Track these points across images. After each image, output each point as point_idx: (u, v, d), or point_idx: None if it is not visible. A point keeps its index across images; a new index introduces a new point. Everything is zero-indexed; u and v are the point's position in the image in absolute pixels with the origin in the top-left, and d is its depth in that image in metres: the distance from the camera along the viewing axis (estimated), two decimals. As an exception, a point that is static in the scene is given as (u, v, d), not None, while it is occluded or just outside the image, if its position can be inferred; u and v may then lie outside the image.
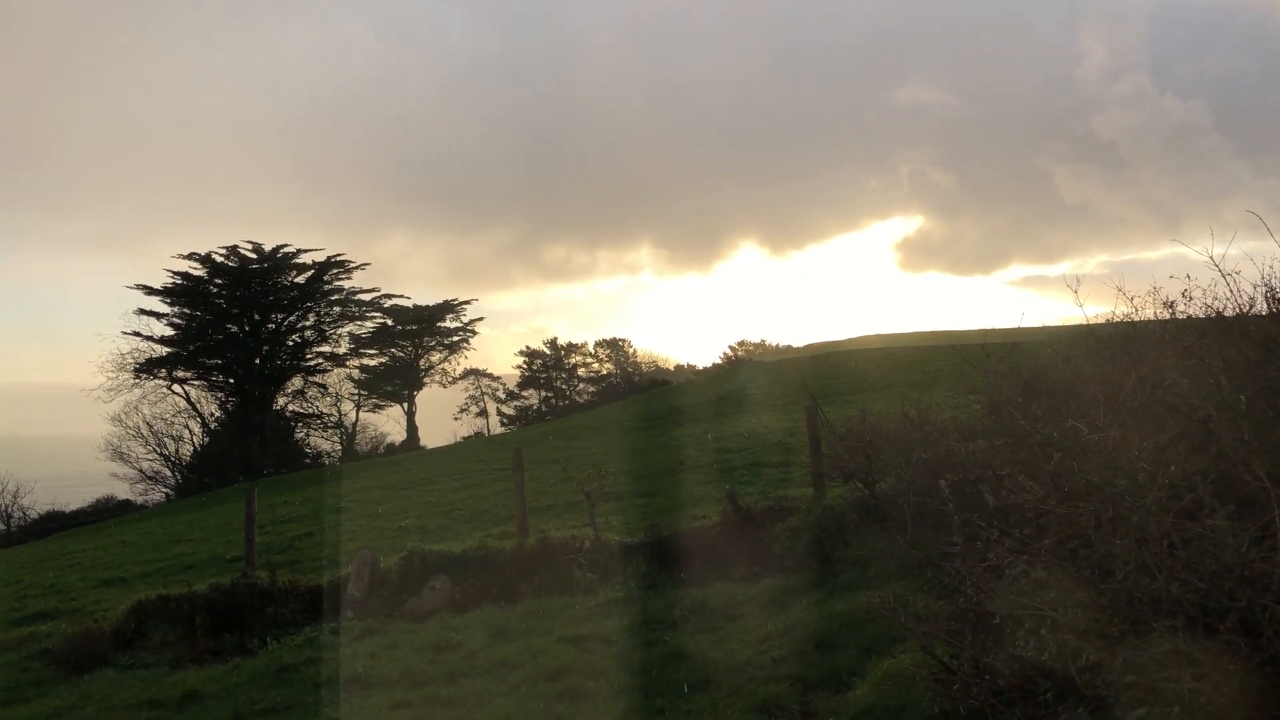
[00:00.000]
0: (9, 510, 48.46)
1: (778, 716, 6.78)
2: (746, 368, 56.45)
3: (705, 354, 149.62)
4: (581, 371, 79.56)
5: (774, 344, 77.65)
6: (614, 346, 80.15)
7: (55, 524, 43.11)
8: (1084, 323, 9.91)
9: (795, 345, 73.29)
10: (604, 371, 79.61)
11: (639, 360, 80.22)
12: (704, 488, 15.91)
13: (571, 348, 79.18)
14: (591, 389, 77.99)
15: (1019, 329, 12.25)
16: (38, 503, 49.47)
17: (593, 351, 79.91)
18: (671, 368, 79.83)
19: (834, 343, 60.85)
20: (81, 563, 20.96)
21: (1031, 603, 5.19)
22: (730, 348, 79.76)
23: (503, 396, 76.31)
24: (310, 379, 61.64)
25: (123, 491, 52.60)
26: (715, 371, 67.74)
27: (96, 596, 15.82)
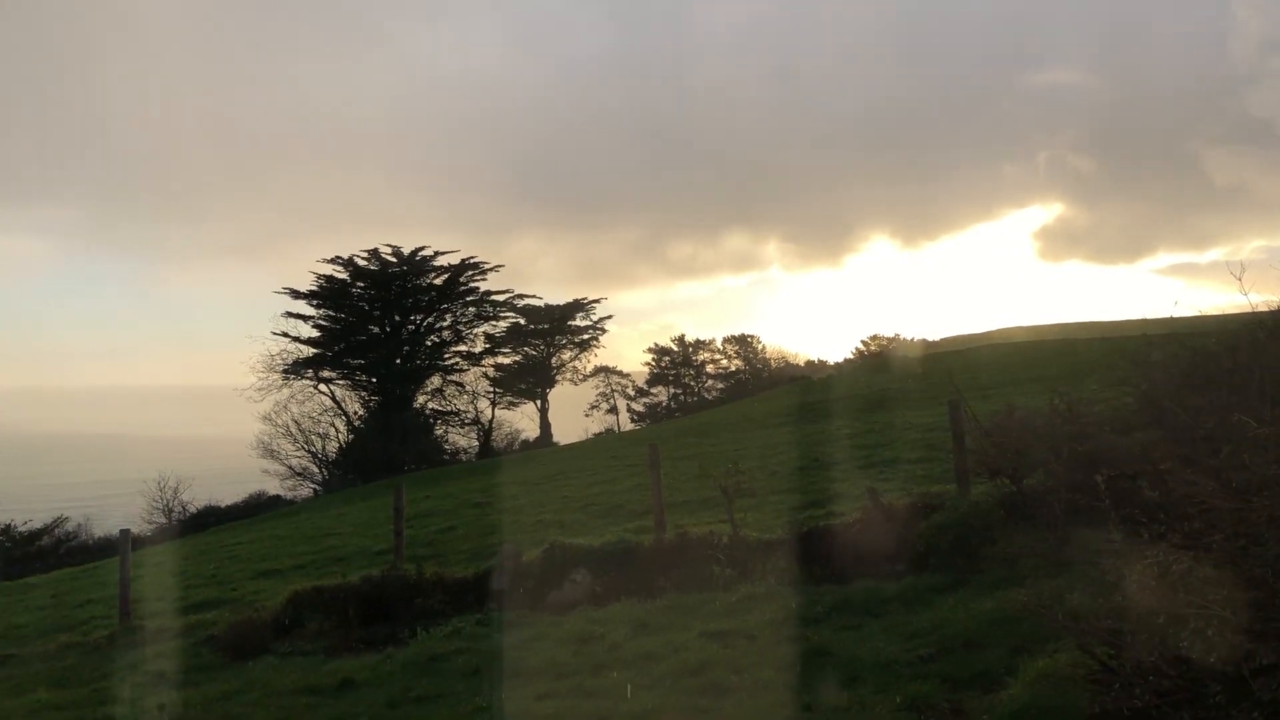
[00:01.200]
0: (170, 505, 51.21)
1: (927, 715, 6.66)
2: (881, 362, 55.56)
3: (837, 349, 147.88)
4: (710, 368, 79.52)
5: (909, 338, 76.18)
6: (743, 343, 79.85)
7: (213, 518, 45.40)
8: (1246, 311, 9.45)
9: (931, 339, 71.85)
10: (733, 368, 79.40)
11: (768, 356, 79.74)
12: (841, 484, 15.74)
13: (700, 344, 79.23)
14: (720, 385, 77.89)
15: (1170, 318, 11.75)
16: (196, 498, 52.24)
17: (721, 348, 79.82)
18: (802, 364, 79.08)
19: (971, 336, 59.42)
20: (238, 555, 21.99)
21: (1199, 601, 4.99)
22: (863, 342, 78.66)
23: (632, 393, 76.93)
24: (448, 377, 63.33)
25: (273, 487, 55.01)
26: (848, 367, 66.87)
27: (254, 587, 16.58)
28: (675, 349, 78.69)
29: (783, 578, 10.98)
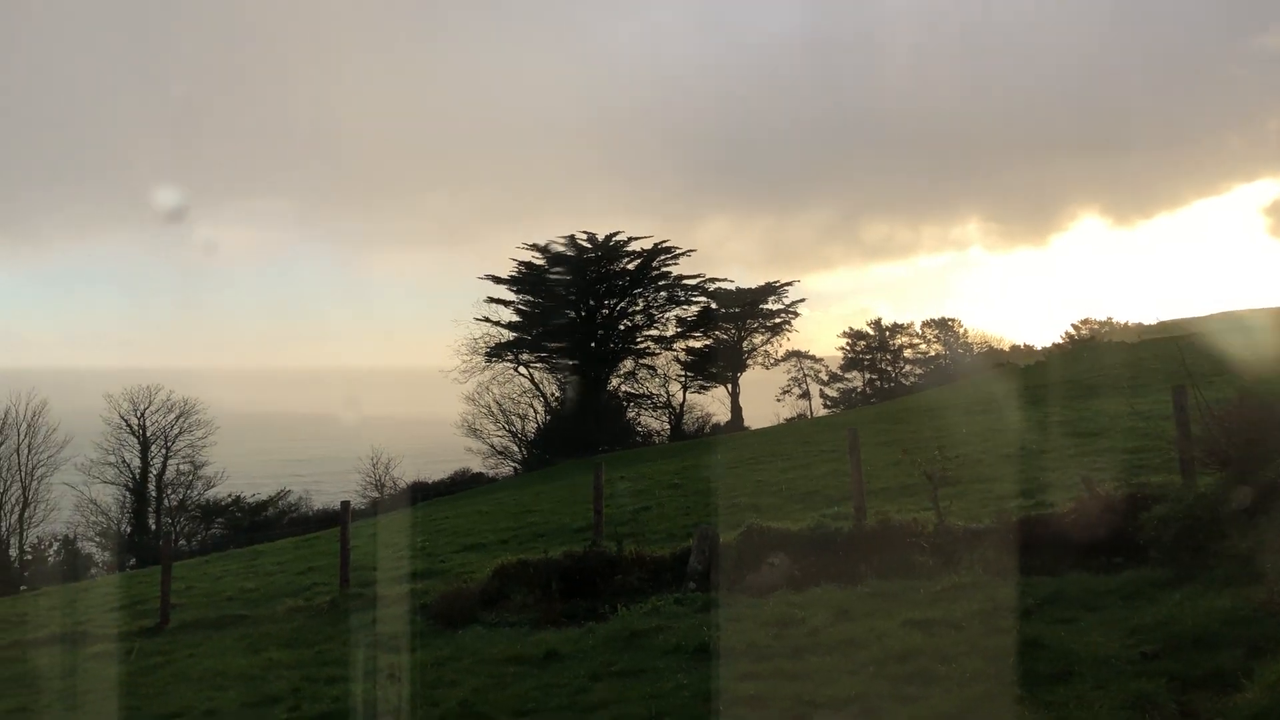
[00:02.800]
0: (381, 480, 54.17)
1: (1152, 714, 6.30)
2: (1092, 347, 52.85)
3: (1044, 333, 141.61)
4: (908, 353, 77.55)
5: (1122, 322, 72.07)
6: (943, 326, 77.48)
7: (420, 493, 47.73)
8: None
9: (1147, 323, 67.80)
10: (932, 353, 77.17)
11: (970, 340, 77.10)
12: (1051, 473, 15.08)
13: (897, 328, 77.33)
14: (919, 371, 75.85)
15: None
16: (404, 474, 55.10)
17: (919, 332, 77.66)
18: (1006, 348, 76.07)
19: (1193, 320, 55.76)
20: (445, 529, 23.01)
21: None
22: (1073, 326, 74.90)
23: (825, 378, 75.85)
24: (640, 361, 64.20)
25: (476, 465, 57.37)
26: (1056, 352, 63.86)
27: (461, 559, 17.32)
28: (871, 333, 77.10)
29: (990, 568, 10.60)
